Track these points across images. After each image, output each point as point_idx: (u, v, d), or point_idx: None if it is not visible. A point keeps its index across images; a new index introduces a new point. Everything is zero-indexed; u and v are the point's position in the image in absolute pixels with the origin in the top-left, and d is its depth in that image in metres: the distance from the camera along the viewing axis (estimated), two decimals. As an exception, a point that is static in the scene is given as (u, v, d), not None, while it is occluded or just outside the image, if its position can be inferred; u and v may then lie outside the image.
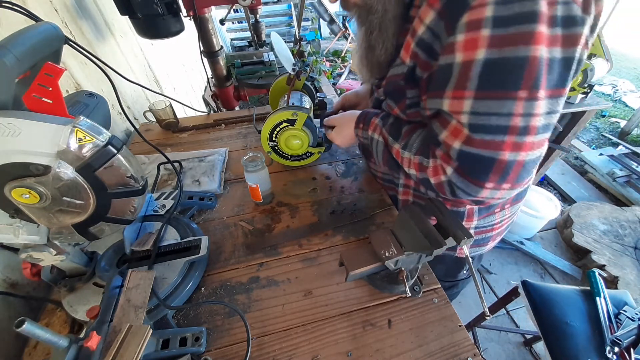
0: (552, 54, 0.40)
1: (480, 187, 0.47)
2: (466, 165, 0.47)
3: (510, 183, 0.46)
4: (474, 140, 0.45)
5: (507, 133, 0.43)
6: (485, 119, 0.44)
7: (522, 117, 0.42)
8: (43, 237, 0.52)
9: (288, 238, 0.74)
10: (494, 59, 0.41)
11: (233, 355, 0.54)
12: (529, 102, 0.41)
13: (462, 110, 0.45)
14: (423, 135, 0.57)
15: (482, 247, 0.77)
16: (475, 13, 0.41)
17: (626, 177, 2.40)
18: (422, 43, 0.50)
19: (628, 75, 4.45)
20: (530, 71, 0.40)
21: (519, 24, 0.39)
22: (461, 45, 0.43)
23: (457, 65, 0.45)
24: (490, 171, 0.45)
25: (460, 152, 0.47)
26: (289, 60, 0.93)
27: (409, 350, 0.55)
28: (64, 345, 0.43)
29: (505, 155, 0.44)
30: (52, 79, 0.41)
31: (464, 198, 0.51)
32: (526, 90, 0.41)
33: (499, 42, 0.40)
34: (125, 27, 1.33)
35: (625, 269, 1.73)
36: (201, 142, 1.10)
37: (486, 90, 0.43)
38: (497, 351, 1.51)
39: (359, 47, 0.65)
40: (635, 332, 0.93)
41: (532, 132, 0.43)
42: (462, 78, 0.44)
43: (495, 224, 0.72)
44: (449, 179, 0.50)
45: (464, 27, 0.43)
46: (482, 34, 0.41)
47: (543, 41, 0.39)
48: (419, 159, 0.56)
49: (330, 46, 4.19)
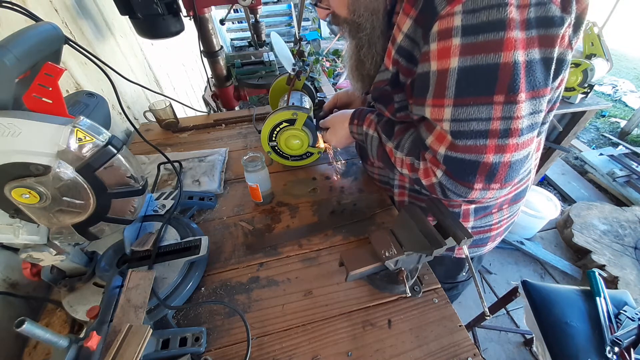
0: (530, 56, 0.40)
1: (469, 189, 0.48)
2: (453, 169, 0.48)
3: (499, 183, 0.47)
4: (457, 146, 0.46)
5: (489, 137, 0.44)
6: (465, 125, 0.45)
7: (502, 120, 0.43)
8: (43, 237, 0.52)
9: (288, 238, 0.74)
10: (467, 67, 0.42)
11: (233, 355, 0.54)
12: (508, 105, 0.42)
13: (443, 118, 0.47)
14: (413, 136, 0.58)
15: (481, 248, 0.77)
16: (444, 22, 0.42)
17: (626, 177, 2.40)
18: (402, 50, 0.51)
19: (628, 75, 4.46)
20: (504, 76, 0.41)
21: (487, 32, 0.39)
22: (435, 54, 0.45)
23: (434, 74, 0.46)
24: (476, 173, 0.47)
25: (446, 156, 0.48)
26: (289, 60, 0.93)
27: (409, 350, 0.55)
28: (64, 345, 0.43)
29: (490, 157, 0.45)
30: (52, 79, 0.41)
31: (455, 198, 0.52)
32: (502, 94, 0.41)
33: (470, 50, 0.41)
34: (125, 27, 1.33)
35: (625, 269, 1.73)
36: (201, 142, 1.10)
37: (463, 97, 0.44)
38: (497, 351, 1.51)
39: (350, 59, 0.66)
40: (635, 332, 0.93)
41: (515, 134, 0.43)
42: (440, 86, 0.45)
43: (493, 225, 0.72)
44: (439, 181, 0.51)
45: (436, 36, 0.43)
46: (452, 43, 0.42)
47: (516, 46, 0.39)
48: (410, 159, 0.57)
49: (330, 46, 4.19)
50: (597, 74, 1.63)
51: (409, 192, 0.74)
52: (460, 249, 0.56)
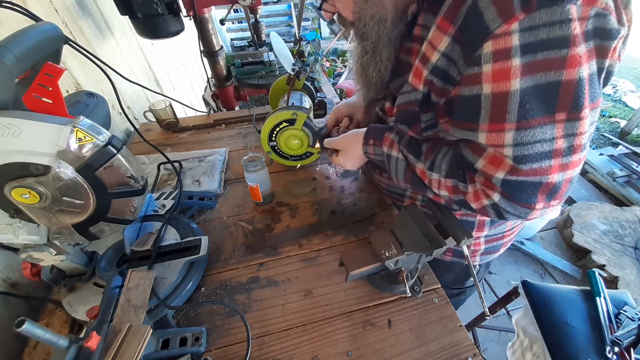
0: (591, 70, 0.39)
1: (530, 210, 0.46)
2: (513, 192, 0.46)
3: (559, 199, 0.45)
4: (520, 171, 0.44)
5: (553, 157, 0.42)
6: (529, 149, 0.42)
7: (565, 138, 0.41)
8: (43, 237, 0.52)
9: (288, 238, 0.74)
10: (529, 88, 0.39)
11: (233, 355, 0.54)
12: (570, 122, 0.40)
13: (504, 144, 0.43)
14: (450, 156, 0.54)
15: (493, 254, 0.77)
16: (500, 42, 0.39)
17: (626, 177, 2.40)
18: (437, 70, 0.48)
19: (628, 75, 4.45)
20: (566, 93, 0.39)
21: (549, 49, 0.37)
22: (489, 77, 0.41)
23: (488, 97, 0.42)
24: (538, 194, 0.44)
25: (505, 180, 0.45)
26: (288, 60, 0.93)
27: (409, 350, 0.55)
28: (64, 345, 0.43)
29: (554, 177, 0.43)
30: (52, 79, 0.41)
31: (513, 219, 0.51)
32: (563, 112, 0.40)
33: (530, 70, 0.39)
34: (125, 27, 1.33)
35: (625, 269, 1.73)
36: (201, 142, 1.10)
37: (526, 120, 0.41)
38: (497, 351, 1.51)
39: (355, 62, 0.63)
40: (635, 332, 0.92)
41: (578, 150, 0.42)
42: (498, 110, 0.42)
43: (507, 232, 0.71)
44: (495, 203, 0.48)
45: (490, 56, 0.40)
46: (512, 64, 0.39)
47: (580, 62, 0.37)
48: (452, 182, 0.53)
49: (330, 46, 4.19)
50: (597, 74, 1.63)
51: (422, 202, 0.73)
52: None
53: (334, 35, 0.81)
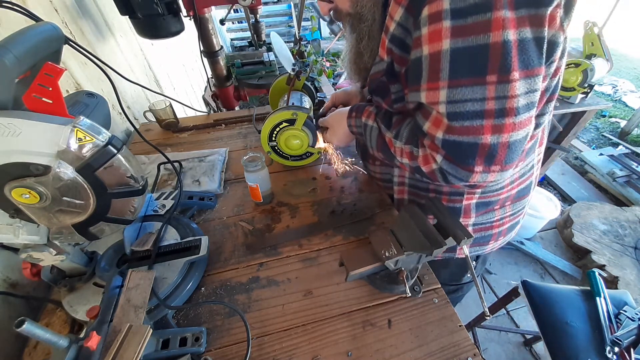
0: (521, 35, 0.41)
1: (470, 172, 0.49)
2: (452, 152, 0.49)
3: (499, 165, 0.47)
4: (454, 128, 0.47)
5: (484, 117, 0.44)
6: (460, 106, 0.45)
7: (496, 100, 0.43)
8: (43, 237, 0.52)
9: (288, 238, 0.74)
10: (459, 48, 0.43)
11: (233, 355, 0.54)
12: (501, 85, 0.42)
13: (439, 101, 0.47)
14: (411, 125, 0.58)
15: (483, 247, 0.76)
16: (433, 6, 0.43)
17: (626, 177, 2.40)
18: (394, 39, 0.52)
19: (628, 75, 4.45)
20: (494, 56, 0.41)
21: (475, 13, 0.40)
22: (426, 38, 0.45)
23: (426, 58, 0.46)
24: (475, 155, 0.47)
25: (444, 140, 0.48)
26: (288, 60, 0.93)
27: (409, 350, 0.55)
28: (64, 345, 0.43)
29: (487, 138, 0.45)
30: (52, 79, 0.41)
31: (457, 183, 0.53)
32: (494, 74, 0.42)
33: (460, 32, 0.42)
34: (125, 27, 1.33)
35: (625, 269, 1.73)
36: (201, 142, 1.10)
37: (457, 78, 0.44)
38: (497, 351, 1.51)
39: (350, 52, 0.67)
40: (635, 332, 0.93)
41: (511, 113, 0.44)
42: (433, 69, 0.46)
43: (495, 222, 0.72)
44: (440, 166, 0.51)
45: (426, 20, 0.44)
46: (443, 26, 0.43)
47: (505, 25, 0.40)
48: (409, 147, 0.57)
49: (330, 46, 4.19)
50: (597, 74, 1.63)
51: (409, 188, 0.74)
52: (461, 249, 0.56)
53: (334, 35, 0.82)
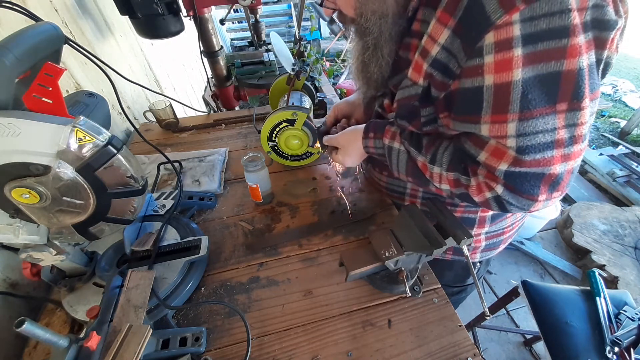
0: (590, 60, 0.39)
1: (533, 201, 0.46)
2: (516, 183, 0.46)
3: (561, 190, 0.46)
4: (523, 162, 0.44)
5: (555, 147, 0.42)
6: (532, 139, 0.42)
7: (566, 128, 0.41)
8: (43, 237, 0.52)
9: (288, 238, 0.74)
10: (530, 78, 0.40)
11: (233, 355, 0.54)
12: (571, 112, 0.41)
13: (507, 135, 0.43)
14: (451, 150, 0.54)
15: (493, 251, 0.77)
16: (502, 32, 0.39)
17: (626, 177, 2.40)
18: (437, 64, 0.48)
19: (628, 75, 4.45)
20: (567, 83, 0.39)
21: (549, 39, 0.38)
22: (491, 67, 0.41)
23: (489, 88, 0.43)
24: (541, 185, 0.45)
25: (507, 172, 0.46)
26: (288, 60, 0.93)
27: (409, 350, 0.55)
28: (64, 345, 0.43)
29: (556, 168, 0.43)
30: (52, 79, 0.41)
31: (516, 212, 0.51)
32: (565, 102, 0.40)
33: (532, 60, 0.39)
34: (125, 27, 1.33)
35: (625, 269, 1.73)
36: (201, 142, 1.10)
37: (529, 110, 0.41)
38: (497, 351, 1.51)
39: (355, 59, 0.63)
40: (635, 332, 0.93)
41: (579, 140, 0.42)
42: (500, 101, 0.42)
43: (507, 228, 0.72)
44: (498, 195, 0.48)
45: (492, 47, 0.40)
46: (514, 54, 0.39)
47: (580, 52, 0.38)
48: (454, 175, 0.53)
49: (330, 46, 4.19)
50: (597, 74, 1.63)
51: (422, 200, 0.73)
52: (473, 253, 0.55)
53: (334, 35, 0.80)
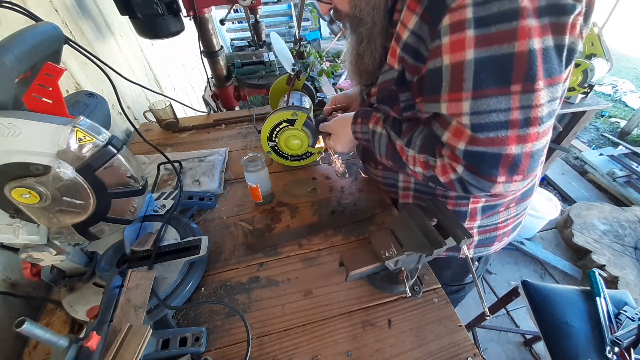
0: (545, 44, 0.41)
1: (493, 182, 0.48)
2: (475, 163, 0.48)
3: (522, 174, 0.47)
4: (478, 140, 0.46)
5: (509, 127, 0.44)
6: (485, 117, 0.44)
7: (521, 109, 0.43)
8: (43, 237, 0.52)
9: (288, 238, 0.74)
10: (482, 58, 0.42)
11: (233, 355, 0.54)
12: (526, 94, 0.42)
13: (462, 112, 0.46)
14: (424, 133, 0.57)
15: (488, 248, 0.76)
16: (456, 15, 0.42)
17: (626, 177, 2.40)
18: (408, 48, 0.51)
19: (628, 75, 4.45)
20: (519, 65, 0.41)
21: (500, 22, 0.40)
22: (447, 48, 0.44)
23: (447, 68, 0.46)
24: (499, 166, 0.46)
25: (466, 151, 0.48)
26: (288, 60, 0.93)
27: (409, 350, 0.55)
28: (64, 345, 0.43)
29: (512, 149, 0.44)
30: (52, 79, 0.41)
31: (477, 193, 0.52)
32: (519, 83, 0.42)
33: (484, 42, 0.41)
34: (125, 27, 1.33)
35: (625, 269, 1.73)
36: (201, 142, 1.10)
37: (481, 89, 0.44)
38: (497, 351, 1.51)
39: (350, 53, 0.66)
40: (635, 332, 0.93)
41: (535, 122, 0.43)
42: (456, 80, 0.45)
43: (500, 223, 0.72)
44: (460, 176, 0.50)
45: (447, 29, 0.43)
46: (466, 35, 0.42)
47: (531, 34, 0.40)
48: (424, 157, 0.56)
49: (330, 46, 4.19)
50: (597, 74, 1.63)
51: (414, 192, 0.74)
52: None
53: (334, 35, 0.82)
